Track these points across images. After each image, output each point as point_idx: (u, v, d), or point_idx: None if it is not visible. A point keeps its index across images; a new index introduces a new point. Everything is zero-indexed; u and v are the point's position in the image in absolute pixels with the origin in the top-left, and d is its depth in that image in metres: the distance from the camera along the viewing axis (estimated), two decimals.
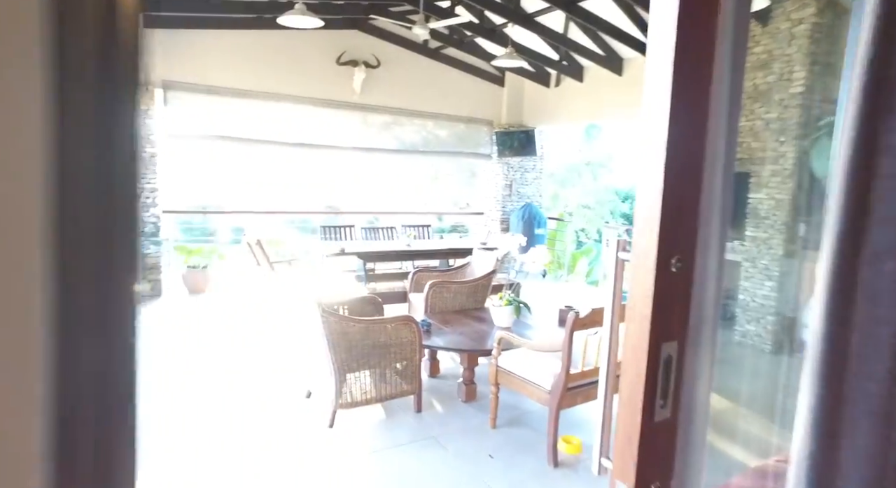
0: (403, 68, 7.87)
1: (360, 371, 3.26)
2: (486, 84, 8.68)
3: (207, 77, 6.53)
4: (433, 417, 3.44)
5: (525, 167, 9.21)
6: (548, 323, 4.18)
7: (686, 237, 0.80)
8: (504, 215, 9.10)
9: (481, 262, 5.07)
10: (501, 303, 3.96)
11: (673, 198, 0.78)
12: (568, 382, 2.84)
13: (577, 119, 8.57)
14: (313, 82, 7.19)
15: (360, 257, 5.45)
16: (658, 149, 0.78)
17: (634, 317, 0.81)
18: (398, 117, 8.21)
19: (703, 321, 0.82)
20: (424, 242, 6.43)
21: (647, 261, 0.79)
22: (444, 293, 4.44)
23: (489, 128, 8.95)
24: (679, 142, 0.78)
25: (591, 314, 2.80)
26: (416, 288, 4.96)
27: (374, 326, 3.23)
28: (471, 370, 3.68)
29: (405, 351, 3.36)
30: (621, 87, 6.97)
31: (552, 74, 8.26)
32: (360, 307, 3.83)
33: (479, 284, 4.61)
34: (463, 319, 4.14)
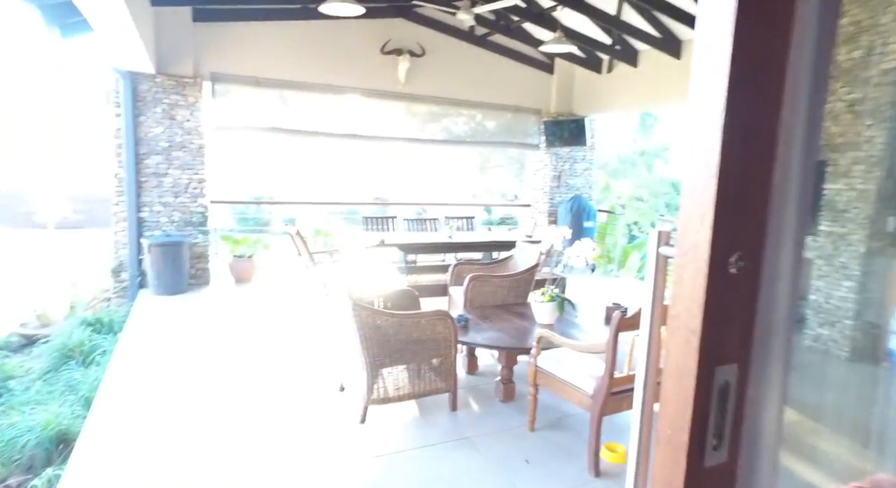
0: (449, 57, 7.70)
1: (394, 366, 3.16)
2: (535, 71, 8.38)
3: (254, 69, 6.59)
4: (468, 417, 3.30)
5: (574, 157, 8.86)
6: (594, 321, 3.95)
7: (750, 230, 0.62)
8: (552, 207, 8.80)
9: (525, 256, 4.87)
10: (543, 298, 3.76)
11: (733, 183, 0.60)
12: (612, 387, 2.63)
13: (631, 107, 8.14)
14: (358, 72, 7.14)
15: (401, 249, 5.36)
16: (712, 123, 0.60)
17: (678, 332, 0.63)
18: (443, 107, 8.06)
19: (773, 337, 0.63)
20: (467, 234, 6.27)
21: (697, 258, 0.61)
22: (484, 287, 4.28)
23: (537, 118, 8.66)
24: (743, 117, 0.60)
25: (638, 313, 2.56)
26: (457, 281, 4.82)
27: (406, 320, 3.12)
28: (509, 368, 3.51)
29: (440, 347, 3.23)
30: (680, 72, 6.53)
31: (604, 60, 7.88)
32: (397, 300, 3.73)
33: (521, 278, 4.42)
34: (503, 315, 3.97)
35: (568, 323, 3.82)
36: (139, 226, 6.04)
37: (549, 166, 8.76)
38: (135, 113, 5.89)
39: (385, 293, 3.71)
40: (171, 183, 6.19)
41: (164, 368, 3.85)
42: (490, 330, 3.62)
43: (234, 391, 3.51)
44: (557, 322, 3.80)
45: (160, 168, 6.13)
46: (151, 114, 6.00)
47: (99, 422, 3.04)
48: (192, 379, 3.69)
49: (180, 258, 5.92)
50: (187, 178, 6.26)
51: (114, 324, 5.19)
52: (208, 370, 3.84)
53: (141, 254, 5.90)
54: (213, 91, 6.44)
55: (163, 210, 6.19)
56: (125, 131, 5.80)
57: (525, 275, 4.43)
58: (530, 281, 4.49)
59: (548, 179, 8.77)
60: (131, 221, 5.94)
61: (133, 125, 5.85)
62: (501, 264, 5.00)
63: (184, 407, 3.26)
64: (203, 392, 3.48)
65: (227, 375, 3.76)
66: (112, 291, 6.07)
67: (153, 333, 4.65)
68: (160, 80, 5.99)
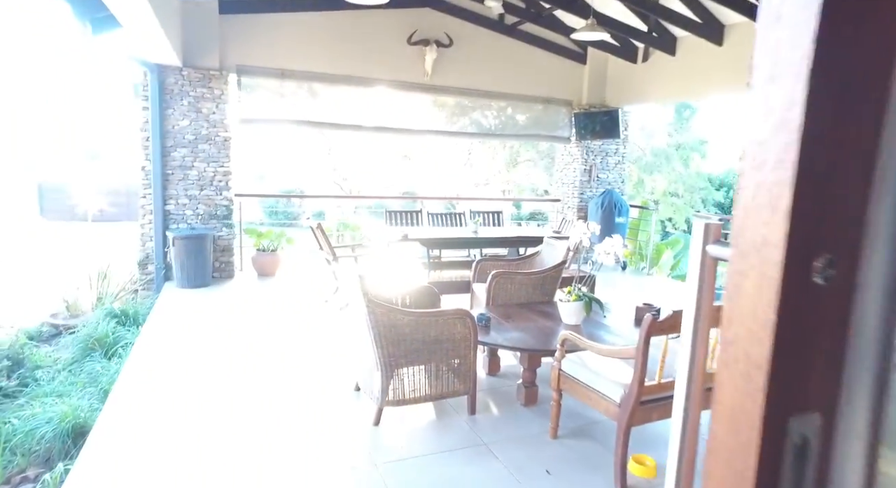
0: (477, 47, 7.50)
1: (410, 366, 3.02)
2: (566, 61, 8.10)
3: (280, 60, 6.53)
4: (488, 421, 3.14)
5: (606, 151, 8.55)
6: (623, 322, 3.73)
7: (845, 222, 0.43)
8: (582, 203, 8.52)
9: (552, 252, 4.66)
10: (570, 298, 3.56)
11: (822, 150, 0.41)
12: (641, 395, 2.42)
13: (668, 98, 7.79)
14: (384, 64, 7.01)
15: (423, 244, 5.22)
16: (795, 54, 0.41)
17: (735, 365, 0.45)
18: (471, 98, 7.87)
19: (873, 376, 0.44)
20: (492, 230, 6.08)
21: (765, 262, 0.43)
22: (507, 284, 4.10)
23: (568, 110, 8.38)
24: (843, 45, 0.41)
25: (672, 317, 2.35)
26: (480, 277, 4.66)
27: (424, 319, 2.97)
28: (532, 371, 3.32)
29: (459, 347, 3.08)
30: (722, 59, 6.17)
31: (639, 48, 7.54)
32: (416, 297, 3.59)
33: (546, 276, 4.22)
34: (527, 314, 3.78)
35: (595, 324, 3.61)
36: (165, 219, 6.07)
37: (580, 160, 8.47)
38: (162, 106, 5.90)
39: (404, 290, 3.57)
40: (196, 176, 6.20)
41: (181, 363, 3.81)
42: (513, 330, 3.44)
43: (249, 387, 3.43)
44: (584, 323, 3.59)
45: (186, 161, 6.14)
46: (178, 106, 6.01)
47: (112, 418, 3.00)
48: (207, 374, 3.64)
49: (204, 251, 5.92)
50: (212, 171, 6.26)
51: (138, 317, 5.22)
52: (224, 365, 3.79)
53: (166, 247, 5.93)
54: (239, 83, 6.41)
55: (188, 203, 6.20)
56: (152, 124, 5.82)
57: (551, 272, 4.23)
58: (557, 278, 4.29)
59: (578, 173, 8.49)
60: (157, 214, 5.97)
61: (160, 118, 5.86)
62: (527, 261, 4.80)
63: (197, 404, 3.19)
64: (217, 388, 3.41)
65: (243, 371, 3.69)
66: (139, 283, 6.13)
67: (173, 327, 4.64)
68: (186, 72, 5.98)
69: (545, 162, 15.63)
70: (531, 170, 16.57)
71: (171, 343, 4.21)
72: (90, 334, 4.63)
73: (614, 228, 8.01)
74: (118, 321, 5.14)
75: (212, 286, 6.03)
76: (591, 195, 8.54)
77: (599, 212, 8.09)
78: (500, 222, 6.80)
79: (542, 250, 4.83)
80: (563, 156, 8.92)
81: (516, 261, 4.82)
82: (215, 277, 6.35)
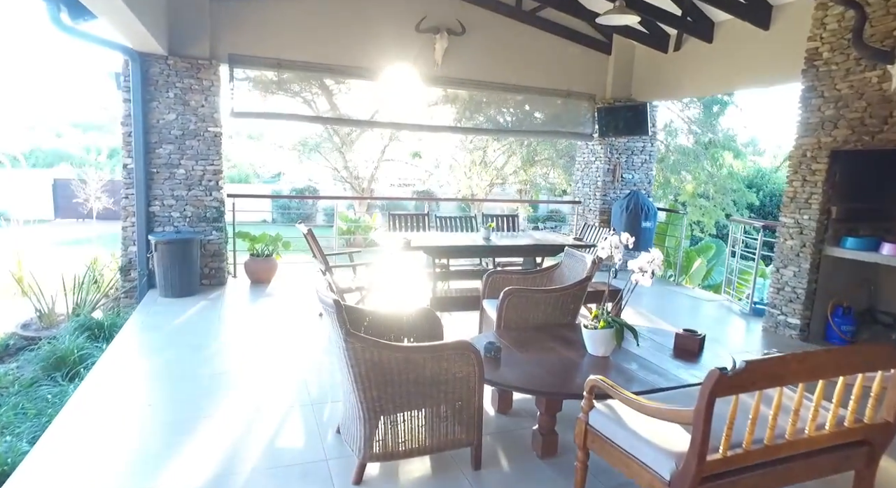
0: (492, 35, 6.89)
1: (399, 413, 2.43)
2: (589, 52, 7.45)
3: (276, 50, 6.00)
4: (496, 478, 2.54)
5: (632, 149, 7.87)
6: (659, 350, 3.10)
7: None
8: (604, 205, 7.86)
9: (575, 265, 4.04)
10: (596, 324, 2.94)
11: None
12: (703, 472, 1.80)
13: (703, 90, 7.09)
14: (390, 53, 6.43)
15: (428, 253, 4.63)
16: None
17: None
18: (485, 91, 7.26)
19: None
20: (507, 237, 5.46)
21: None
22: (523, 304, 3.49)
23: (590, 104, 7.72)
24: None
25: (748, 371, 1.72)
26: (491, 292, 4.06)
27: (417, 356, 2.38)
28: (550, 416, 2.71)
29: (460, 389, 2.48)
30: (768, 46, 5.47)
31: (671, 36, 6.86)
32: (412, 323, 3.00)
33: (568, 294, 3.61)
34: (545, 341, 3.17)
35: (628, 355, 2.99)
36: (149, 221, 5.58)
37: (603, 158, 7.81)
38: (145, 98, 5.40)
39: (399, 312, 2.99)
40: (183, 174, 5.69)
41: (139, 391, 3.27)
42: (527, 362, 2.84)
43: (209, 427, 2.88)
44: (615, 354, 2.98)
45: (172, 158, 5.63)
46: (163, 99, 5.51)
47: (35, 468, 2.46)
48: (165, 408, 3.10)
49: (190, 257, 5.41)
50: (201, 170, 5.74)
51: (113, 329, 4.72)
52: (187, 396, 3.24)
53: (149, 252, 5.43)
54: (231, 74, 5.89)
55: (175, 204, 5.70)
56: (134, 118, 5.32)
57: (574, 290, 3.61)
58: (580, 297, 3.67)
59: (601, 173, 7.83)
60: (140, 216, 5.47)
61: (143, 111, 5.37)
62: (545, 274, 4.18)
63: (144, 449, 2.65)
64: (171, 425, 2.86)
65: (205, 405, 3.14)
66: (121, 291, 5.64)
67: (144, 345, 4.12)
68: (172, 61, 5.47)
69: (563, 161, 14.91)
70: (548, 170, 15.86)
71: (135, 366, 3.69)
72: (52, 351, 4.14)
73: (641, 234, 7.34)
74: (91, 334, 4.65)
75: (199, 295, 5.52)
76: (615, 197, 7.88)
77: (624, 216, 7.42)
78: (516, 227, 6.18)
79: (562, 262, 4.21)
80: (584, 155, 8.26)
81: (533, 274, 4.21)
82: (204, 285, 5.85)
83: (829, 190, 4.52)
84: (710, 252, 8.57)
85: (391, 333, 2.93)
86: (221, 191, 5.89)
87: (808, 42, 4.56)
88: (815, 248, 4.61)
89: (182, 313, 4.91)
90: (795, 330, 4.79)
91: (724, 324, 5.53)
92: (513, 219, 6.27)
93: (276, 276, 6.33)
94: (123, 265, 5.62)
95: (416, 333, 3.00)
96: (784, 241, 4.90)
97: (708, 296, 6.75)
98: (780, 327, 4.95)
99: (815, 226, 4.58)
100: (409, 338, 2.98)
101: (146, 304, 5.15)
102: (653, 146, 8.08)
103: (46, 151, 29.75)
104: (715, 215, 10.45)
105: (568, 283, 3.78)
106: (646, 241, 7.49)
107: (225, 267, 6.08)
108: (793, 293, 4.80)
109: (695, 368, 2.91)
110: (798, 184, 4.73)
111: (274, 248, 6.32)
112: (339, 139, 15.90)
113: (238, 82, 6.00)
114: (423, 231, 5.75)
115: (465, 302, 4.34)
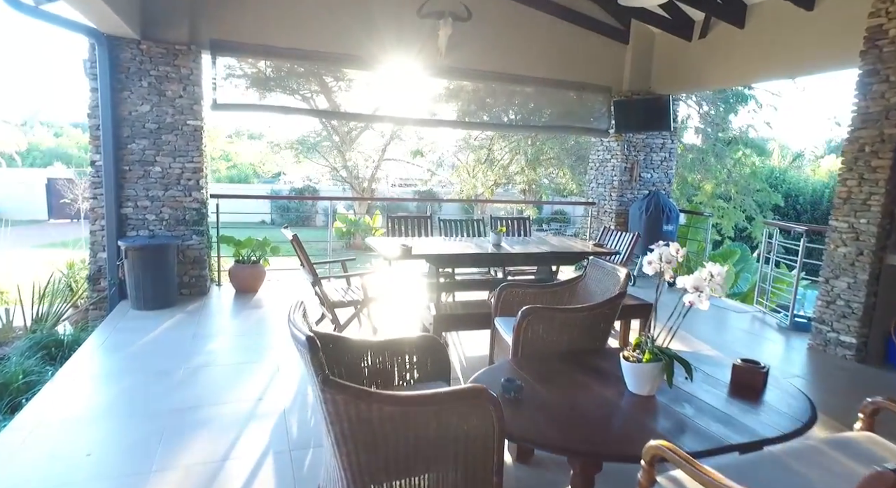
0: (500, 22, 6.32)
1: (395, 481, 1.86)
2: (605, 40, 6.87)
3: (265, 36, 5.44)
4: None
5: (651, 145, 7.29)
6: (711, 384, 2.53)
7: None
8: (621, 206, 7.28)
9: (602, 278, 3.47)
10: (640, 355, 2.37)
11: None
12: None
13: (732, 81, 6.49)
14: (389, 40, 5.86)
15: (430, 261, 4.06)
16: None
17: None
18: (492, 83, 6.70)
19: None
20: (519, 243, 4.88)
21: None
22: (544, 325, 2.92)
23: (606, 97, 7.14)
24: None
25: None
26: (504, 309, 3.49)
27: (416, 411, 1.81)
28: (587, 477, 2.14)
29: (474, 448, 1.91)
30: (812, 27, 4.88)
31: (696, 22, 6.27)
32: (413, 356, 2.43)
33: (599, 314, 3.03)
34: (574, 373, 2.60)
35: (678, 394, 2.41)
36: (120, 224, 5.02)
37: (620, 156, 7.23)
38: (115, 87, 4.84)
39: (391, 343, 2.42)
40: (159, 173, 5.13)
41: (80, 433, 2.71)
42: (557, 405, 2.26)
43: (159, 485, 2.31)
44: (662, 394, 2.40)
45: (147, 155, 5.07)
46: (136, 88, 4.95)
47: None
48: (107, 456, 2.54)
49: (165, 264, 4.85)
50: (179, 167, 5.18)
51: (74, 348, 4.15)
52: (135, 441, 2.67)
53: (119, 260, 4.87)
54: (214, 62, 5.33)
55: (150, 205, 5.14)
56: (102, 109, 4.76)
57: (604, 309, 3.03)
58: (611, 317, 3.10)
59: (618, 172, 7.25)
60: (110, 218, 4.91)
61: (112, 102, 4.81)
62: (567, 288, 3.61)
63: None
64: (110, 485, 2.30)
65: (160, 454, 2.57)
66: (89, 302, 5.09)
67: (101, 369, 3.56)
68: (146, 46, 4.91)
69: (570, 160, 14.31)
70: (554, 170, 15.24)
71: (83, 398, 3.12)
72: None
73: (662, 238, 6.74)
74: (47, 354, 4.10)
75: (176, 307, 4.96)
76: (633, 198, 7.30)
77: (644, 218, 6.84)
78: (528, 231, 5.60)
79: (587, 273, 3.63)
80: (598, 152, 7.68)
81: (553, 288, 3.63)
82: (184, 295, 5.29)
83: (893, 189, 3.93)
84: (735, 257, 7.98)
85: (383, 374, 2.36)
86: (203, 192, 5.32)
87: (870, 19, 3.97)
88: (874, 257, 4.03)
89: (153, 329, 4.35)
90: (850, 349, 4.20)
91: (761, 340, 4.95)
92: (524, 222, 5.69)
93: (263, 284, 5.77)
94: (92, 273, 5.07)
95: (416, 368, 2.43)
96: (835, 248, 4.31)
97: (737, 307, 6.15)
98: (830, 346, 4.36)
99: (875, 231, 4.00)
100: (408, 373, 2.41)
101: (114, 318, 4.59)
102: (673, 143, 7.50)
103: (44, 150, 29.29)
104: (735, 217, 9.85)
105: (596, 300, 3.20)
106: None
107: (207, 275, 5.52)
108: (847, 307, 4.22)
109: (762, 412, 2.33)
110: (853, 184, 4.14)
111: (262, 254, 5.75)
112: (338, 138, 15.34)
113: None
114: (425, 236, 5.18)
115: (473, 319, 3.76)
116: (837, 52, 4.48)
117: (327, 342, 2.28)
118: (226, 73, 9.40)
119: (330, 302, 3.98)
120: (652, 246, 2.47)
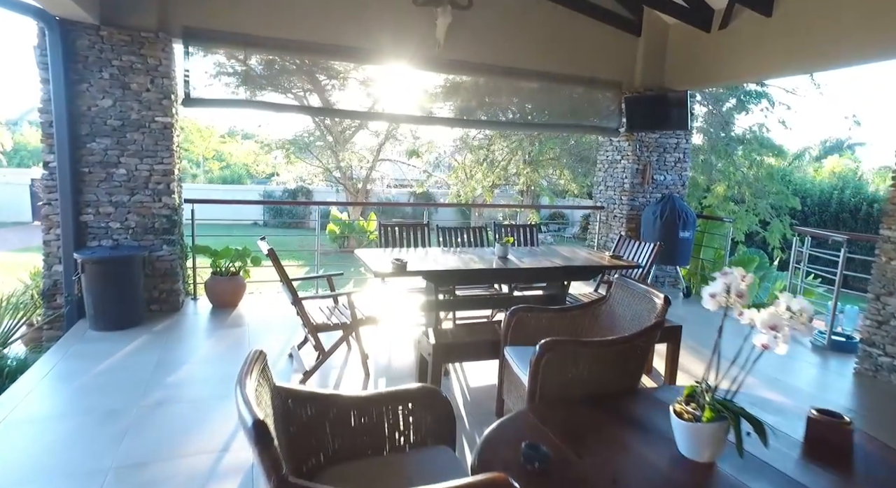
0: (503, 11, 5.80)
1: None
2: (615, 32, 6.36)
3: (245, 24, 4.90)
4: None
5: (665, 145, 6.79)
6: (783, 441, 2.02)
7: None
8: (632, 210, 6.78)
9: (629, 301, 2.94)
10: (698, 412, 1.85)
11: None
12: None
13: (757, 75, 6.01)
14: (382, 30, 5.34)
15: (428, 278, 3.53)
16: None
17: None
18: (494, 77, 6.18)
19: None
20: (527, 255, 4.34)
21: None
22: (566, 361, 2.40)
23: (616, 93, 6.63)
24: None
25: None
26: (516, 337, 2.97)
27: None
28: None
29: None
30: (852, 11, 4.38)
31: (716, 11, 5.77)
32: (413, 412, 1.91)
33: (631, 346, 2.51)
34: (609, 426, 2.08)
35: (748, 462, 1.89)
36: (78, 234, 4.47)
37: (631, 157, 6.72)
38: (70, 79, 4.29)
39: (381, 396, 1.89)
40: (124, 175, 4.59)
41: None
42: (594, 479, 1.74)
43: None
44: (723, 460, 1.88)
45: (110, 155, 4.52)
46: (96, 81, 4.40)
47: None
48: None
49: (129, 279, 4.30)
50: (147, 169, 4.64)
51: (17, 376, 3.60)
52: None
53: (75, 274, 4.32)
54: (187, 52, 4.79)
55: (114, 212, 4.59)
56: (55, 103, 4.21)
57: (639, 342, 2.51)
58: (647, 351, 2.57)
59: (628, 174, 6.74)
60: (66, 227, 4.36)
61: (67, 95, 4.26)
62: (588, 311, 3.09)
63: None
64: None
65: None
66: (44, 321, 4.53)
67: (39, 406, 3.01)
68: (107, 33, 4.37)
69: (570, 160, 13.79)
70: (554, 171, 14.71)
71: (7, 450, 2.58)
72: None
73: (677, 245, 6.26)
74: None
75: (143, 326, 4.41)
76: (645, 201, 6.79)
77: (658, 224, 6.34)
78: (535, 240, 5.07)
79: (612, 294, 3.10)
80: (608, 152, 7.17)
81: (571, 311, 3.10)
82: (153, 311, 4.74)
83: None
84: (753, 265, 7.49)
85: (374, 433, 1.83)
86: (174, 196, 4.78)
87: None
88: None
89: (110, 354, 3.80)
90: None
91: (795, 362, 4.43)
92: (530, 230, 5.17)
93: (244, 298, 5.23)
94: (47, 288, 4.51)
95: (413, 427, 1.90)
96: (887, 261, 3.81)
97: None
98: (881, 371, 3.86)
99: None
100: (403, 437, 1.88)
101: (67, 341, 4.04)
102: (687, 142, 6.99)
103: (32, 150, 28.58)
104: (748, 221, 9.36)
105: (625, 329, 2.69)
106: (683, 255, 6.41)
107: (181, 288, 4.98)
108: None
109: (855, 484, 1.82)
110: None
111: (242, 265, 5.21)
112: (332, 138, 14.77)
113: (196, 61, 4.89)
114: (421, 246, 4.65)
115: (479, 348, 3.23)
116: (888, 39, 3.98)
117: (301, 399, 1.76)
118: (215, 70, 8.93)
119: (313, 325, 3.44)
120: (715, 273, 1.94)
